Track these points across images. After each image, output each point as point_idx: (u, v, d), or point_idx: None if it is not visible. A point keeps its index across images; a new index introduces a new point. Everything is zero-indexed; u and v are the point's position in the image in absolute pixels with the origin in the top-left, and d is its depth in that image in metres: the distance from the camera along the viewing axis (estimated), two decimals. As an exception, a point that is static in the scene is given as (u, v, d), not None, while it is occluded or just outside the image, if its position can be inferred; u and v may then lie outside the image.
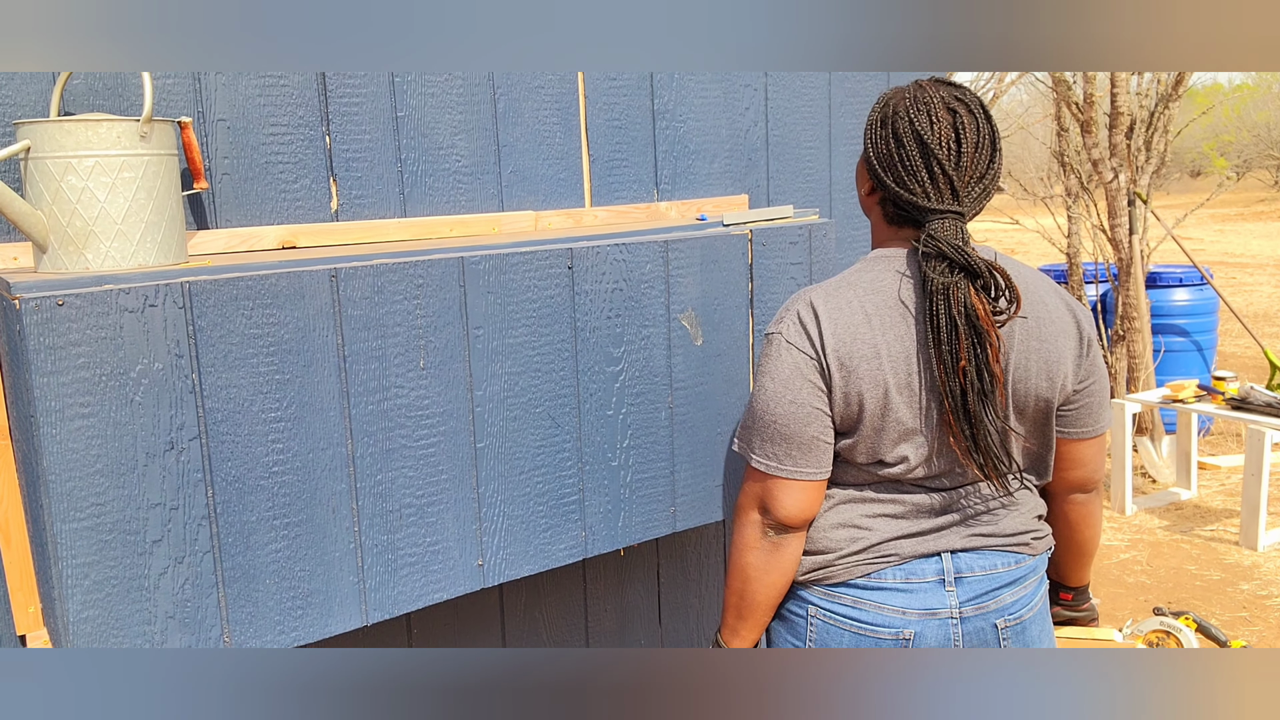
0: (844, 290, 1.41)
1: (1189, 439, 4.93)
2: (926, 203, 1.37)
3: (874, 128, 1.43)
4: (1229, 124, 21.34)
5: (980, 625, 1.45)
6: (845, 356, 1.38)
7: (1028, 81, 9.00)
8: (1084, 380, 1.47)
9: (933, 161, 1.36)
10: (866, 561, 1.45)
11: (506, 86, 1.86)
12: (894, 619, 1.43)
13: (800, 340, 1.40)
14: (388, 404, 1.45)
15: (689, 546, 2.26)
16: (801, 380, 1.40)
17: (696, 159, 2.11)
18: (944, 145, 1.36)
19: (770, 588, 1.47)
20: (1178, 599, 3.84)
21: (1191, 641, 2.93)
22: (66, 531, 1.24)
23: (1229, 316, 8.11)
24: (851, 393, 1.38)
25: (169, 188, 1.40)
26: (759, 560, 1.46)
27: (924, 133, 1.36)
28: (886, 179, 1.40)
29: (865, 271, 1.43)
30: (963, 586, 1.45)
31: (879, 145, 1.41)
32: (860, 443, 1.42)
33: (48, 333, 1.20)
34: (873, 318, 1.39)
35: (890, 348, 1.38)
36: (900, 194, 1.39)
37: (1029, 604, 1.50)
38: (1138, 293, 5.57)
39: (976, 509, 1.47)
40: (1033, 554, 1.51)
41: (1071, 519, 1.60)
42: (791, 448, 1.41)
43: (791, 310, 1.43)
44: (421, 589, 1.52)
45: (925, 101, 1.38)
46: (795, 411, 1.40)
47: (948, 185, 1.37)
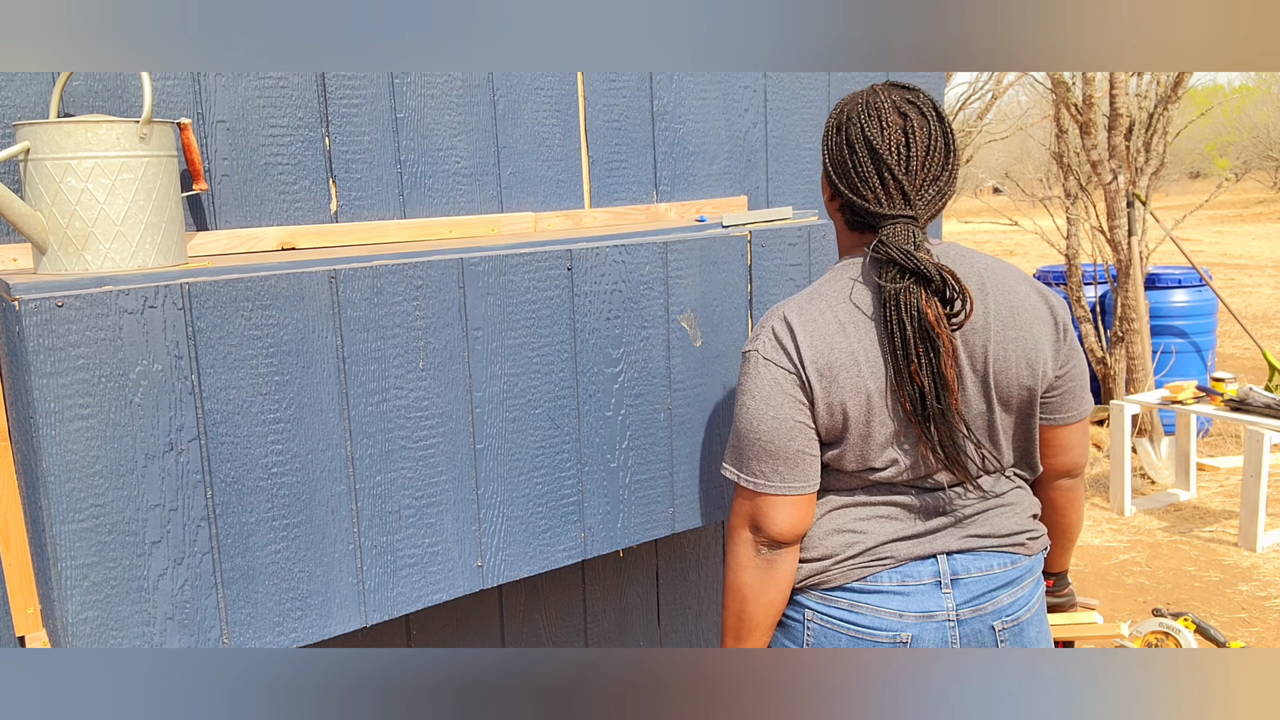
0: (815, 301, 1.42)
1: (1188, 440, 4.93)
2: (879, 208, 1.38)
3: (829, 134, 1.44)
4: (1228, 125, 21.35)
5: (978, 627, 1.45)
6: (824, 367, 1.38)
7: (1026, 83, 9.01)
8: (1064, 365, 1.48)
9: (883, 167, 1.37)
10: (862, 565, 1.44)
11: (506, 88, 1.86)
12: (891, 622, 1.43)
13: (777, 355, 1.40)
14: (387, 405, 1.45)
15: (688, 548, 2.26)
16: (782, 395, 1.40)
17: (696, 160, 2.11)
18: (894, 150, 1.37)
19: (768, 607, 1.46)
20: (1177, 600, 3.84)
21: (1190, 642, 2.94)
22: (66, 533, 1.24)
23: (1228, 318, 8.12)
24: (834, 403, 1.39)
25: (168, 189, 1.40)
26: (754, 579, 1.45)
27: (874, 138, 1.37)
28: (841, 186, 1.42)
29: (834, 281, 1.44)
30: (959, 588, 1.45)
31: (834, 152, 1.42)
32: (848, 451, 1.41)
33: (47, 334, 1.20)
34: (847, 325, 1.39)
35: (868, 353, 1.38)
36: (854, 200, 1.40)
37: (1026, 605, 1.49)
38: (1137, 294, 5.57)
39: (971, 510, 1.47)
40: (1029, 554, 1.51)
41: (1058, 504, 1.61)
42: (778, 463, 1.41)
43: (766, 327, 1.43)
44: (421, 590, 1.52)
45: (876, 106, 1.39)
46: (778, 427, 1.40)
47: (898, 190, 1.38)
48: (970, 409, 1.43)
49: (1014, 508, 1.50)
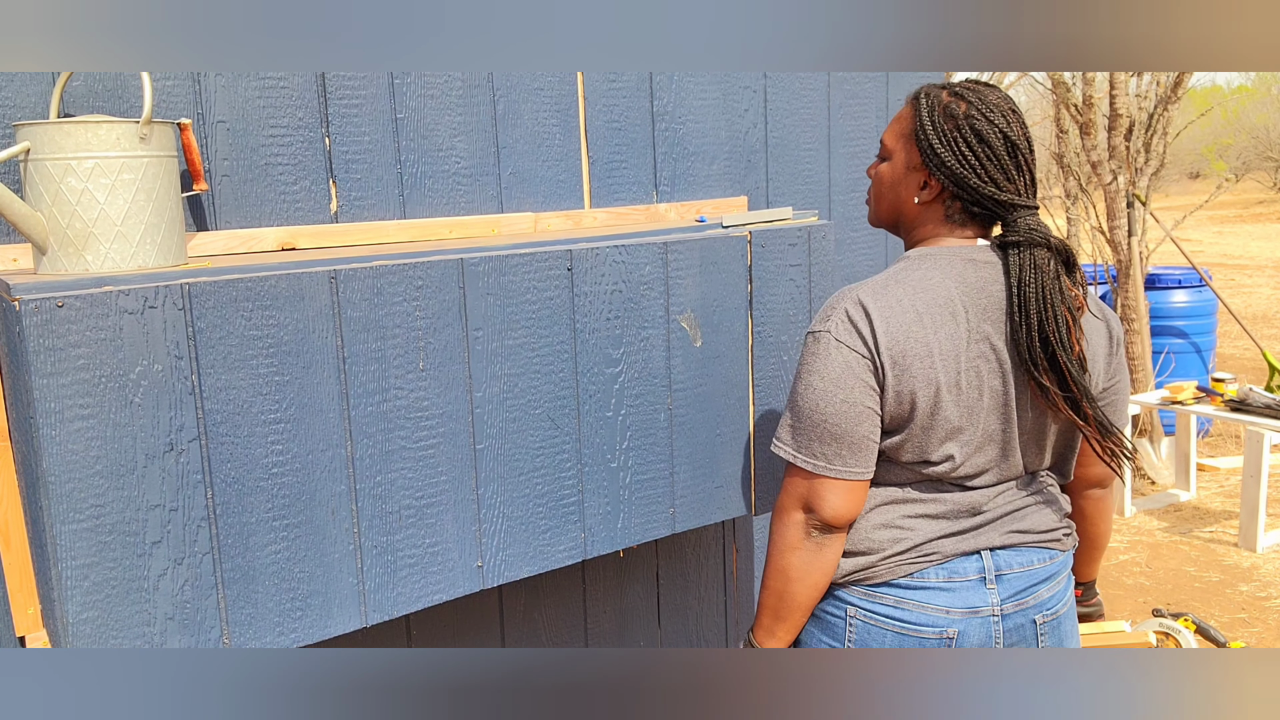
0: (893, 288, 1.42)
1: (1188, 440, 4.93)
2: (1017, 199, 1.43)
3: (941, 131, 1.43)
4: (1228, 126, 21.36)
5: (1020, 622, 1.47)
6: (899, 355, 1.39)
7: (1027, 83, 9.01)
8: (1112, 378, 1.53)
9: (1021, 160, 1.43)
10: (909, 561, 1.45)
11: (506, 88, 1.86)
12: (938, 618, 1.44)
13: (851, 338, 1.40)
14: (387, 405, 1.45)
15: (688, 548, 2.26)
16: (854, 379, 1.40)
17: (696, 161, 2.11)
18: (1026, 144, 1.43)
19: (812, 588, 1.47)
20: (1177, 600, 3.84)
21: (1190, 643, 2.94)
22: (66, 533, 1.24)
23: (1228, 318, 8.12)
24: (904, 391, 1.39)
25: (168, 189, 1.40)
26: (802, 560, 1.46)
27: (1010, 133, 1.42)
28: (970, 178, 1.42)
29: (913, 270, 1.44)
30: (1003, 584, 1.46)
31: (957, 146, 1.42)
32: (908, 441, 1.42)
33: (47, 334, 1.20)
34: (924, 316, 1.40)
35: (941, 346, 1.39)
36: (986, 191, 1.42)
37: (1063, 599, 1.53)
38: (1137, 294, 5.57)
39: (1011, 506, 1.49)
40: (1064, 550, 1.54)
41: (1089, 514, 1.65)
42: (841, 447, 1.41)
43: (839, 308, 1.43)
44: (421, 590, 1.52)
45: (993, 104, 1.43)
46: (847, 410, 1.40)
47: (1027, 183, 1.44)
48: (1025, 411, 1.46)
49: (1051, 504, 1.53)
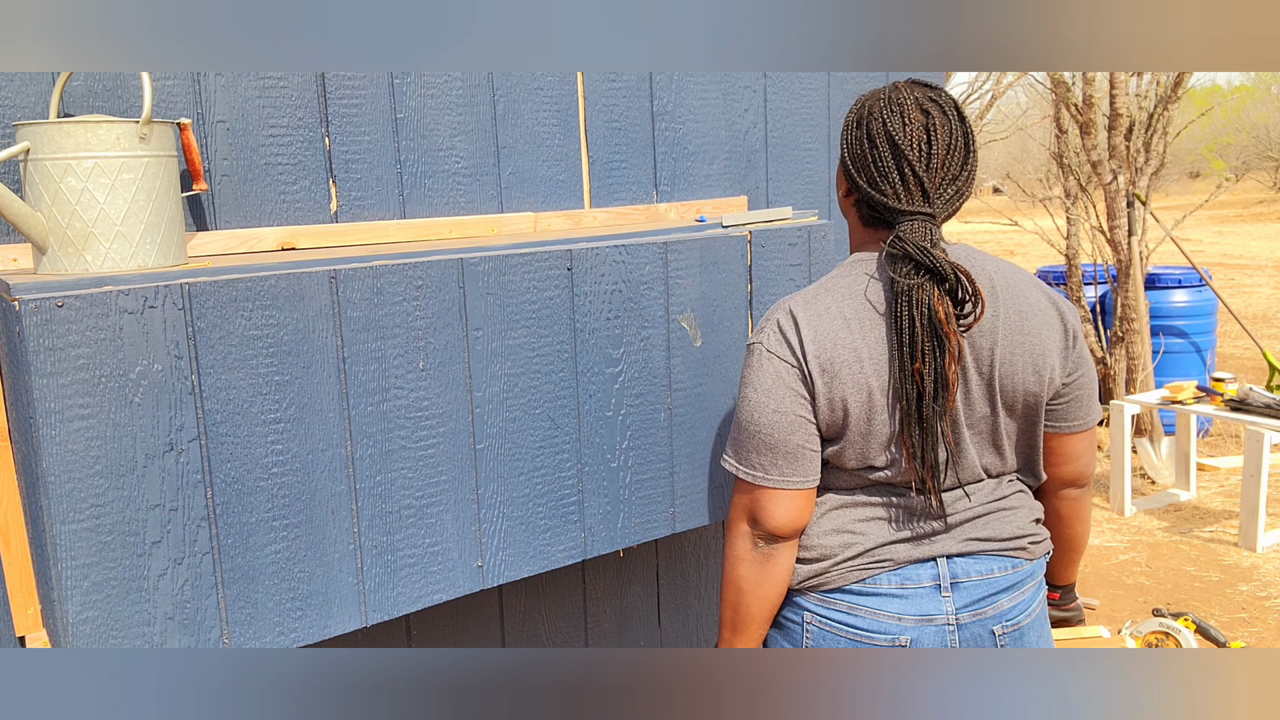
0: (822, 296, 1.42)
1: (1188, 440, 4.93)
2: (897, 204, 1.37)
3: (849, 129, 1.43)
4: (1227, 126, 21.36)
5: (978, 632, 1.44)
6: (827, 362, 1.38)
7: (1026, 83, 9.01)
8: (1072, 373, 1.47)
9: (904, 162, 1.37)
10: (861, 567, 1.44)
11: (506, 88, 1.86)
12: (890, 625, 1.42)
13: (781, 349, 1.40)
14: (387, 405, 1.45)
15: (688, 548, 2.26)
16: (784, 389, 1.40)
17: (696, 160, 2.11)
18: (915, 146, 1.36)
19: (764, 600, 1.46)
20: (1177, 600, 3.84)
21: (1190, 643, 2.94)
22: (66, 533, 1.24)
23: (1228, 318, 8.12)
24: (835, 398, 1.38)
25: (168, 189, 1.40)
26: (751, 572, 1.45)
27: (895, 133, 1.36)
28: (860, 180, 1.41)
29: (843, 276, 1.44)
30: (959, 592, 1.44)
31: (853, 146, 1.42)
32: (848, 448, 1.41)
33: (47, 334, 1.20)
34: (852, 322, 1.39)
35: (871, 351, 1.38)
36: (872, 195, 1.40)
37: (1027, 610, 1.49)
38: (1136, 294, 5.57)
39: (971, 513, 1.46)
40: (1030, 558, 1.50)
41: (1063, 514, 1.60)
42: (777, 457, 1.41)
43: (771, 319, 1.43)
44: (421, 590, 1.52)
45: (899, 102, 1.38)
46: (779, 420, 1.40)
47: (918, 187, 1.37)
48: (974, 412, 1.43)
49: (1016, 511, 1.49)
